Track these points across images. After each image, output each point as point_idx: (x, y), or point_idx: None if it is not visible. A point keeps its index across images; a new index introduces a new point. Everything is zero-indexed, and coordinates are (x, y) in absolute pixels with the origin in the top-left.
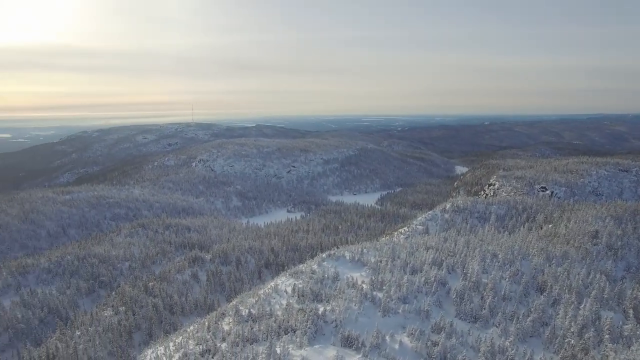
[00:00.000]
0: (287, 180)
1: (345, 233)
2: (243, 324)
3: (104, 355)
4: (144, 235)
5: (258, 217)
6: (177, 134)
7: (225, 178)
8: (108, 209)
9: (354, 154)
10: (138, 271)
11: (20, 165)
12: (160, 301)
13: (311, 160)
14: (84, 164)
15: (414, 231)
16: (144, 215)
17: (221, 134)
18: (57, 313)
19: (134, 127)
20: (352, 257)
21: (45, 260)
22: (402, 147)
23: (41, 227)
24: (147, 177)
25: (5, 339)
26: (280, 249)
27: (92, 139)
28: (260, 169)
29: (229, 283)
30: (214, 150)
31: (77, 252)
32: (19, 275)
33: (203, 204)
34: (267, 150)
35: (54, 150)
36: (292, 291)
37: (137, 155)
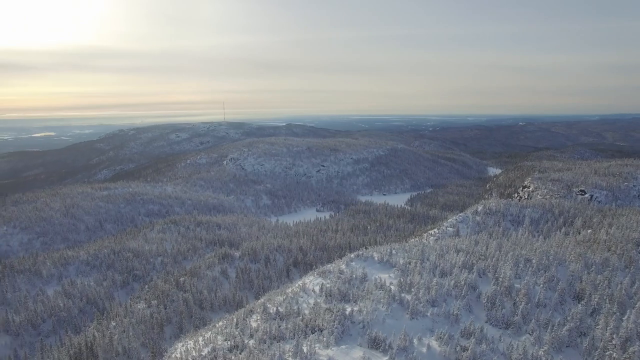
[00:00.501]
0: (316, 179)
1: (374, 233)
2: (271, 322)
3: (137, 346)
4: (176, 231)
5: (287, 215)
6: (209, 132)
7: (255, 176)
8: (142, 205)
9: (384, 154)
10: (170, 266)
11: (63, 161)
12: (190, 296)
13: (341, 160)
14: (121, 161)
15: (444, 233)
16: (176, 212)
17: (252, 133)
18: (94, 303)
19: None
20: (381, 258)
21: (84, 253)
22: (433, 147)
23: (81, 221)
24: (179, 174)
25: (49, 325)
26: (308, 248)
27: (128, 137)
28: (290, 168)
29: (257, 281)
30: (244, 149)
31: (113, 246)
32: (61, 266)
33: (233, 202)
34: (297, 150)
35: (93, 148)
36: (319, 290)
37: (170, 153)
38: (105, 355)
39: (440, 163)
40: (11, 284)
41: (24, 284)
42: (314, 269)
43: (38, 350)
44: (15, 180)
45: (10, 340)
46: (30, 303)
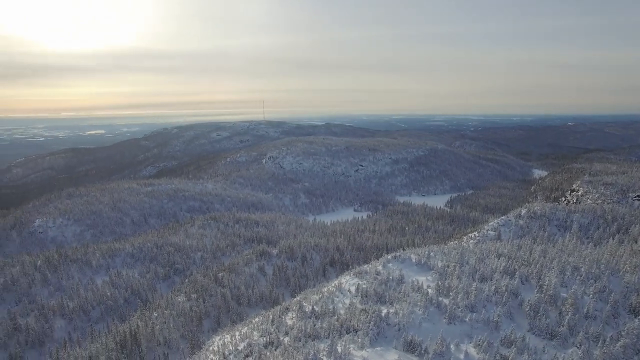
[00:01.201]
0: (354, 179)
1: (412, 235)
2: (306, 320)
3: (176, 338)
4: (216, 227)
5: (325, 214)
6: (248, 131)
7: (293, 175)
8: (184, 201)
9: (423, 154)
10: (209, 261)
11: (111, 158)
12: (228, 291)
13: (379, 160)
14: (164, 159)
15: (485, 236)
16: (216, 208)
17: (291, 132)
18: (138, 294)
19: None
20: (418, 260)
21: (130, 246)
22: (474, 148)
23: (127, 215)
24: (220, 172)
25: (98, 313)
26: (345, 247)
27: (172, 135)
28: (329, 167)
29: (294, 278)
30: (283, 148)
31: (156, 240)
32: (109, 257)
33: (272, 200)
34: (335, 149)
35: (139, 145)
36: (355, 291)
37: (211, 151)
38: (147, 344)
39: (481, 164)
40: (66, 272)
41: (76, 273)
42: (351, 269)
43: (88, 334)
44: (69, 175)
45: (65, 323)
46: (82, 291)
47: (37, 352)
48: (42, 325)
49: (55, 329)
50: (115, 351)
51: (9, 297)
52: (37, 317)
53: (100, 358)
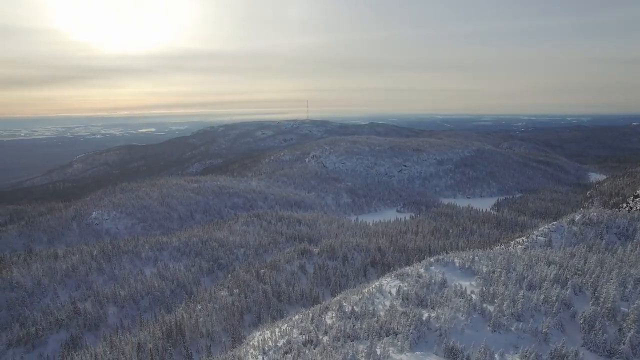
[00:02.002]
0: (398, 179)
1: (456, 238)
2: (345, 320)
3: (219, 331)
4: (259, 224)
5: (367, 214)
6: (292, 130)
7: (336, 174)
8: (228, 198)
9: (469, 155)
10: (251, 258)
11: (161, 155)
12: (269, 288)
13: (424, 160)
14: (210, 156)
15: (534, 242)
16: (259, 206)
17: (334, 131)
18: (183, 287)
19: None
20: (462, 264)
21: (176, 240)
22: (524, 149)
23: (174, 210)
24: (263, 170)
25: (146, 302)
26: (387, 248)
27: (218, 134)
28: (372, 167)
29: (334, 278)
30: (326, 147)
31: (201, 235)
32: (157, 250)
33: (314, 198)
34: (379, 149)
35: (186, 143)
36: (396, 293)
37: (255, 149)
38: (191, 335)
39: (531, 166)
40: (118, 262)
41: (127, 264)
42: (392, 271)
43: (137, 322)
44: (122, 170)
45: (117, 310)
46: (132, 281)
47: (94, 335)
48: (98, 310)
49: (109, 314)
50: (161, 340)
51: (70, 282)
52: (93, 302)
53: (147, 345)
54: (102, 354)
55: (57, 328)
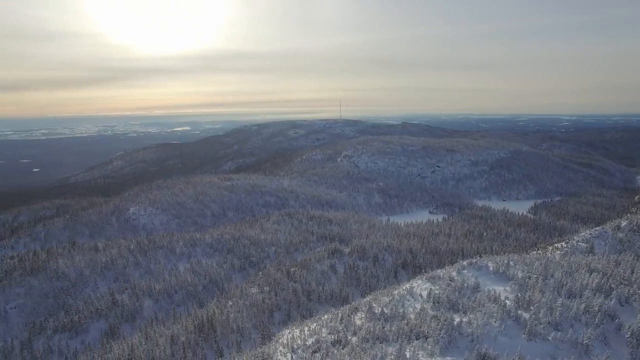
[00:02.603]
0: (430, 180)
1: (490, 241)
2: (375, 322)
3: (249, 327)
4: (290, 223)
5: (399, 215)
6: (325, 129)
7: (368, 174)
8: (260, 196)
9: (505, 156)
10: (282, 256)
11: (195, 153)
12: (299, 287)
13: (457, 161)
14: (243, 155)
15: (574, 248)
16: (291, 205)
17: (367, 131)
18: (215, 283)
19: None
20: (496, 269)
21: (209, 237)
22: (565, 150)
23: (207, 207)
24: (295, 169)
25: (180, 297)
26: (418, 250)
27: (251, 133)
28: (404, 167)
29: (364, 278)
30: (359, 147)
31: (233, 232)
32: (190, 246)
33: (345, 198)
34: (411, 149)
35: (220, 142)
36: (427, 296)
37: (288, 148)
38: (222, 330)
39: (572, 168)
40: (154, 257)
41: (162, 258)
42: (423, 273)
43: (171, 315)
44: (159, 168)
45: (152, 303)
46: (167, 275)
47: (130, 326)
48: (134, 302)
49: (145, 307)
50: (193, 333)
51: (109, 274)
52: (130, 295)
53: (180, 338)
54: (138, 344)
55: (97, 317)
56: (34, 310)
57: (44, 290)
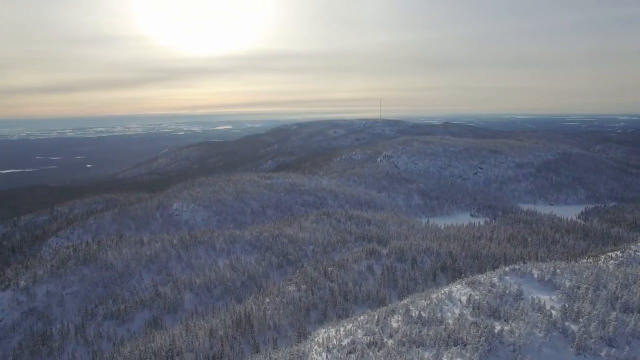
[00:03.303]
0: (472, 182)
1: (535, 247)
2: (412, 325)
3: (285, 324)
4: (328, 223)
5: (439, 217)
6: (365, 129)
7: (408, 175)
8: (299, 195)
9: (553, 158)
10: (320, 255)
11: (236, 151)
12: (336, 286)
13: (501, 163)
14: (283, 154)
15: (631, 258)
16: (329, 204)
17: (407, 131)
18: (253, 279)
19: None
20: (541, 276)
21: (248, 234)
22: (621, 153)
23: (247, 205)
24: (334, 169)
25: (219, 291)
26: (458, 253)
27: (291, 132)
28: (445, 168)
29: (402, 281)
30: (399, 147)
31: (272, 230)
32: (230, 243)
33: (384, 199)
34: (453, 150)
35: (261, 140)
36: (466, 301)
37: (327, 147)
38: (259, 326)
39: (630, 172)
40: (195, 252)
41: (203, 254)
42: (463, 277)
43: (210, 309)
44: (201, 165)
45: (192, 297)
46: (207, 270)
47: (172, 318)
48: (176, 295)
49: (185, 300)
50: (231, 328)
51: (152, 267)
52: (172, 288)
53: (219, 332)
54: (179, 335)
55: (141, 307)
56: (86, 297)
57: (95, 279)
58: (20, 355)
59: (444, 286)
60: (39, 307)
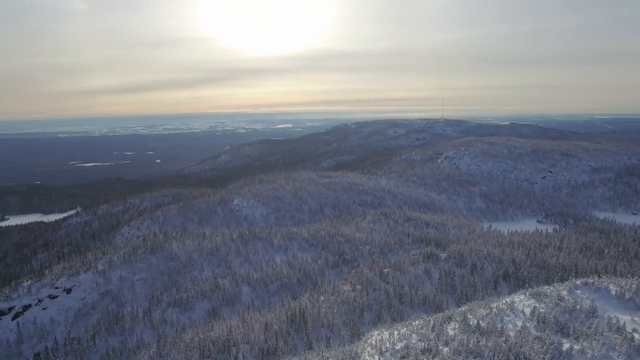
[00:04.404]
0: (540, 186)
1: (612, 260)
2: (469, 334)
3: (339, 324)
4: (385, 223)
5: (502, 222)
6: (425, 129)
7: (470, 177)
8: (357, 195)
9: (637, 162)
10: (376, 256)
11: (296, 150)
12: (392, 288)
13: (574, 167)
14: (342, 153)
15: None
16: (387, 204)
17: (470, 132)
18: (309, 277)
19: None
20: (620, 293)
21: (306, 232)
22: None
23: (305, 203)
24: (393, 169)
25: (275, 287)
26: (522, 262)
27: (350, 131)
28: (510, 171)
29: (460, 287)
30: (461, 148)
31: (329, 229)
32: (287, 240)
33: (444, 201)
34: (519, 152)
35: (320, 139)
36: (530, 314)
37: (387, 147)
38: (313, 323)
39: None
40: (253, 247)
41: (261, 249)
42: (527, 288)
43: (266, 304)
44: (262, 162)
45: (249, 290)
46: (264, 266)
47: (230, 310)
48: (234, 288)
49: (243, 293)
50: (286, 323)
51: (213, 260)
52: (231, 280)
53: (273, 326)
54: (236, 327)
55: (202, 297)
56: (152, 284)
57: (161, 268)
58: (98, 331)
59: (505, 295)
60: (114, 289)
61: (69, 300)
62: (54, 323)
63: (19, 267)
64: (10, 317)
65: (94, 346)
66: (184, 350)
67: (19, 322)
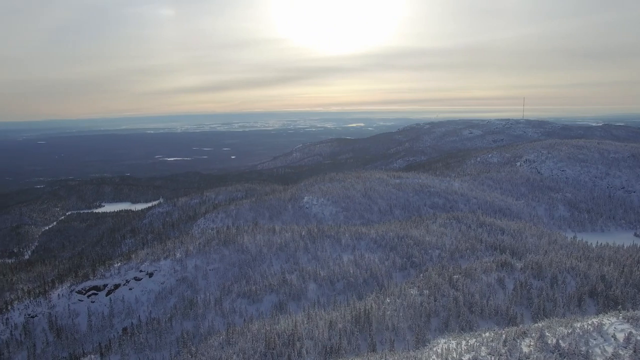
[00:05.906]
0: (639, 195)
1: None
2: (546, 354)
3: (404, 327)
4: (457, 228)
5: (589, 234)
6: (504, 130)
7: (553, 183)
8: (428, 197)
9: None
10: (446, 261)
11: (367, 149)
12: (461, 296)
13: None
14: (414, 153)
15: None
16: (460, 208)
17: (554, 133)
18: (375, 278)
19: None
20: None
21: (374, 232)
22: None
23: (375, 203)
24: (467, 171)
25: (341, 285)
26: (615, 279)
27: (423, 131)
28: (602, 177)
29: (538, 300)
30: (543, 151)
31: (397, 230)
32: (355, 239)
33: (522, 207)
34: (614, 156)
35: (392, 139)
36: (624, 341)
37: (461, 148)
38: (377, 325)
39: None
40: (321, 245)
41: (328, 247)
42: (619, 310)
43: (331, 302)
44: (332, 161)
45: (316, 287)
46: (331, 264)
47: (296, 305)
48: (301, 284)
49: (309, 290)
50: (350, 323)
51: (282, 255)
52: (298, 276)
53: (338, 324)
54: (301, 322)
55: (269, 291)
56: (224, 274)
57: (232, 260)
58: (175, 314)
59: (591, 316)
60: (189, 277)
61: (150, 284)
62: (138, 302)
63: (111, 249)
64: (105, 293)
65: (171, 327)
66: (251, 340)
67: (111, 299)
